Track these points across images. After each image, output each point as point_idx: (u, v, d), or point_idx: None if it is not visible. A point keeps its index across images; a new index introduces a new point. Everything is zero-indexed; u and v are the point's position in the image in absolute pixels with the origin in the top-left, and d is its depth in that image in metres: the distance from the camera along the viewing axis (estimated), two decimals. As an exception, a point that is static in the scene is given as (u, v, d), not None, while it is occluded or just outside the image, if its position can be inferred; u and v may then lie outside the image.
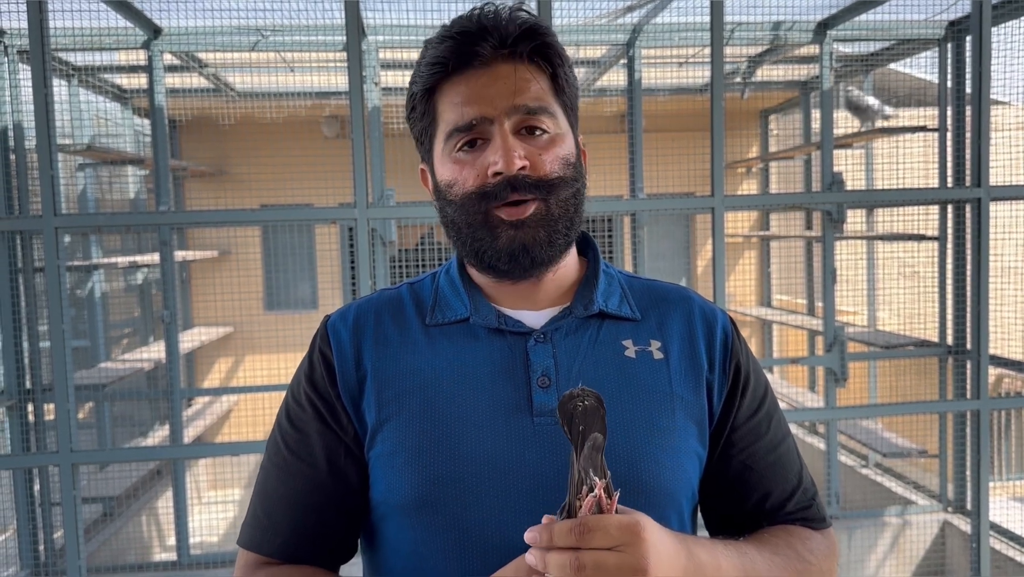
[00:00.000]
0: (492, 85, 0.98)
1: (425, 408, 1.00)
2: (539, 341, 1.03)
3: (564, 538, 0.77)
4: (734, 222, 7.65)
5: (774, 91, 6.81)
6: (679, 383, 1.04)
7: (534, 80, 1.00)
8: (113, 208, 6.32)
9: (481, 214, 1.00)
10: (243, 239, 6.79)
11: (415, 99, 1.04)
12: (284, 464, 1.05)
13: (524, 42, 0.99)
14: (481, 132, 0.99)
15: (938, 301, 5.18)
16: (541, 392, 1.00)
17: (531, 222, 0.99)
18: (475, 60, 0.98)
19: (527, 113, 0.98)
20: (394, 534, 1.02)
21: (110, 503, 5.20)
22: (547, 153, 1.00)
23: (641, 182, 4.88)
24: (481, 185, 0.99)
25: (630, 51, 5.05)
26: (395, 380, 1.02)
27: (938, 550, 5.22)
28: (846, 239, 6.00)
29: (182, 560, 4.66)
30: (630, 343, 1.05)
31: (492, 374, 1.02)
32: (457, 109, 0.99)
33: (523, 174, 0.98)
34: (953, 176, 4.74)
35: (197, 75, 5.62)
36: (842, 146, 5.80)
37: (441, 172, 1.03)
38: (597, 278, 1.09)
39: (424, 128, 1.04)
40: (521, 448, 0.97)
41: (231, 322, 7.05)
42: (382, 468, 1.01)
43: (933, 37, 4.90)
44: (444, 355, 1.04)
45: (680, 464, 1.01)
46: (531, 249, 1.00)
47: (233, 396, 6.77)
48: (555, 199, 1.00)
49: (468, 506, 0.96)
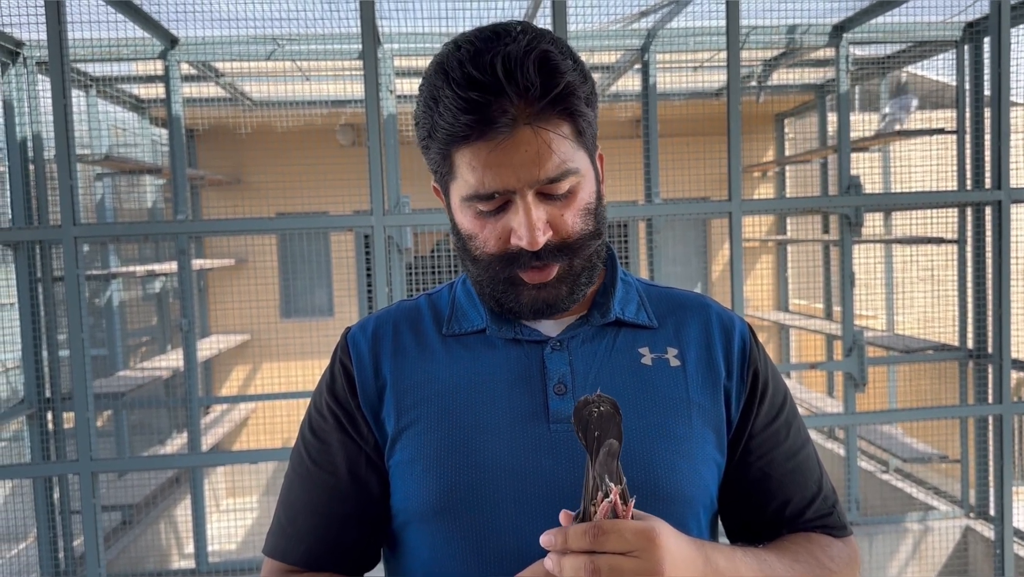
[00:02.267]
0: (515, 154, 0.92)
1: (443, 416, 1.01)
2: (555, 349, 1.04)
3: (579, 541, 0.78)
4: (750, 226, 7.61)
5: (790, 94, 6.78)
6: (696, 390, 1.04)
7: (556, 138, 0.94)
8: (130, 217, 6.37)
9: (504, 277, 1.00)
10: (259, 247, 6.82)
11: (428, 146, 0.99)
12: (307, 474, 1.07)
13: (546, 99, 0.92)
14: (504, 198, 0.95)
15: (957, 305, 5.13)
16: (557, 399, 1.00)
17: (554, 282, 1.00)
18: (497, 132, 0.91)
19: (550, 182, 0.95)
20: (414, 541, 1.03)
21: (129, 511, 5.23)
22: (569, 211, 0.97)
23: (657, 187, 4.86)
24: (503, 250, 0.98)
25: (645, 56, 5.04)
26: (414, 389, 1.03)
27: (960, 556, 5.16)
28: (864, 243, 5.95)
29: (200, 567, 4.68)
30: (647, 350, 1.05)
31: (509, 382, 1.02)
32: (476, 174, 0.94)
33: (547, 241, 0.96)
34: (972, 178, 4.71)
35: (214, 85, 5.66)
36: (859, 149, 5.76)
37: (460, 219, 1.01)
38: (615, 286, 1.09)
39: (440, 171, 1.00)
40: (537, 455, 0.98)
41: (248, 330, 7.08)
42: (401, 476, 1.02)
43: (950, 39, 4.86)
44: (462, 363, 1.04)
45: (697, 470, 1.00)
46: (555, 304, 1.01)
47: (250, 404, 6.80)
48: (579, 258, 1.00)
49: (485, 513, 0.97)
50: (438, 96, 0.94)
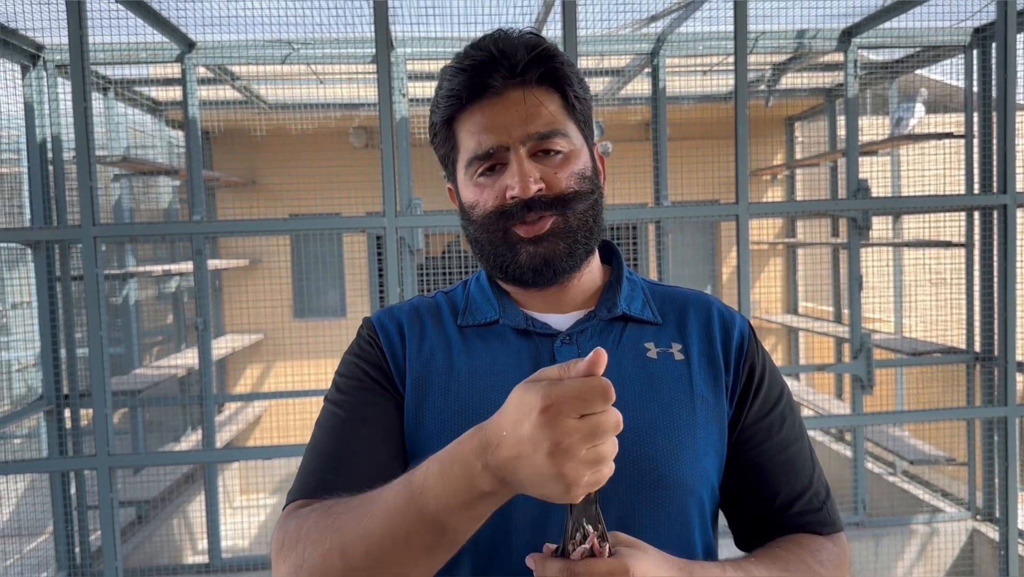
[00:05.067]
0: (505, 113, 1.04)
1: (459, 403, 1.06)
2: (565, 343, 1.09)
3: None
4: (760, 229, 7.64)
5: (799, 98, 6.81)
6: (699, 384, 1.09)
7: (545, 104, 1.05)
8: (147, 218, 6.45)
9: (501, 232, 1.07)
10: (273, 248, 6.90)
11: (436, 128, 1.10)
12: (338, 423, 1.07)
13: (533, 68, 1.04)
14: (499, 158, 1.05)
15: (965, 308, 5.16)
16: None
17: (549, 236, 1.06)
18: (488, 91, 1.04)
19: (540, 139, 1.05)
20: None
21: (143, 507, 5.30)
22: (562, 171, 1.06)
23: (666, 190, 4.91)
24: (499, 206, 1.06)
25: (654, 60, 5.09)
26: (433, 374, 1.09)
27: (966, 558, 5.18)
28: (872, 246, 5.98)
29: (214, 563, 4.75)
30: (652, 345, 1.11)
31: (521, 373, 1.04)
32: (474, 138, 1.05)
33: (539, 195, 1.04)
34: (980, 182, 4.73)
35: (229, 88, 5.74)
36: (867, 153, 5.79)
37: (465, 195, 1.10)
38: (620, 284, 1.15)
39: (446, 154, 1.11)
40: None
41: (261, 329, 7.15)
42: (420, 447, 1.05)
43: (959, 44, 4.89)
44: (476, 353, 1.10)
45: (699, 461, 1.05)
46: (552, 261, 1.07)
47: (263, 402, 6.87)
48: (572, 212, 1.07)
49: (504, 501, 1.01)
50: (442, 82, 1.07)
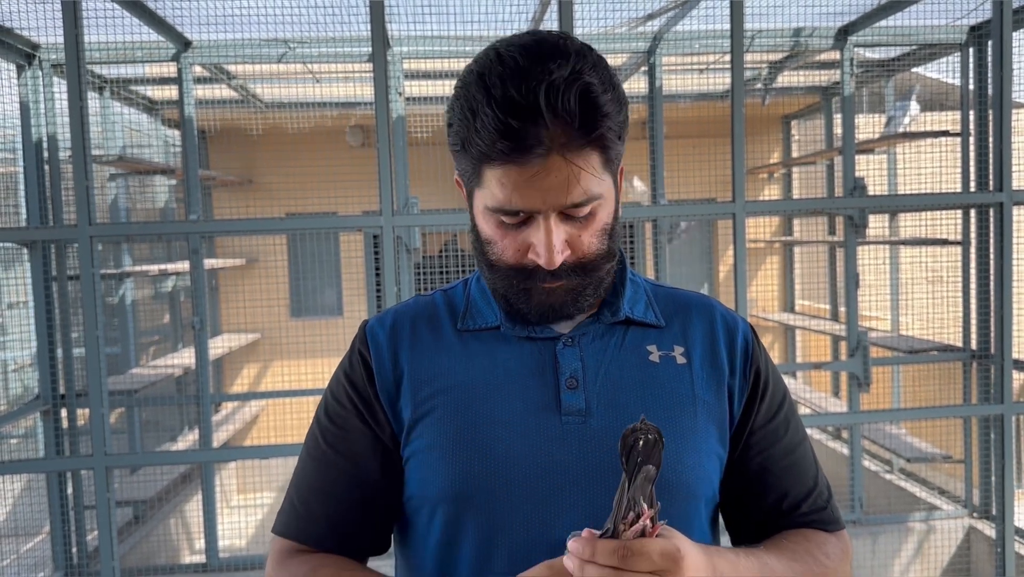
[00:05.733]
0: (544, 179, 0.94)
1: (459, 407, 1.05)
2: (567, 345, 1.08)
3: (607, 557, 0.80)
4: (757, 228, 7.65)
5: (795, 96, 6.82)
6: (701, 387, 1.09)
7: (585, 168, 0.96)
8: (143, 217, 6.45)
9: (515, 285, 1.04)
10: (270, 247, 6.89)
11: (461, 154, 1.00)
12: (322, 457, 1.10)
13: (582, 133, 0.93)
14: (527, 214, 0.99)
15: (961, 306, 5.17)
16: (569, 393, 1.05)
17: (563, 292, 1.04)
18: (531, 158, 0.93)
19: (574, 207, 0.97)
20: (426, 529, 1.07)
21: (140, 507, 5.30)
22: (587, 232, 1.00)
23: (662, 188, 4.91)
24: (519, 263, 1.01)
25: (651, 59, 5.09)
26: (430, 380, 1.08)
27: (963, 556, 5.19)
28: (869, 244, 5.99)
29: (211, 563, 4.74)
30: (654, 348, 1.10)
31: (523, 376, 1.06)
32: (505, 192, 0.96)
33: (563, 261, 1.00)
34: (976, 180, 4.74)
35: (225, 87, 5.73)
36: (864, 151, 5.80)
37: (482, 224, 1.04)
38: (624, 286, 1.13)
39: (468, 177, 1.03)
40: (549, 446, 1.02)
41: (258, 329, 7.15)
42: (418, 464, 1.06)
43: (955, 42, 4.90)
44: (477, 357, 1.09)
45: (700, 464, 1.05)
46: (561, 309, 1.05)
47: (260, 401, 6.87)
48: (591, 277, 1.04)
49: (498, 501, 1.01)
50: (476, 110, 0.94)
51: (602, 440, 1.02)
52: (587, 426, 1.03)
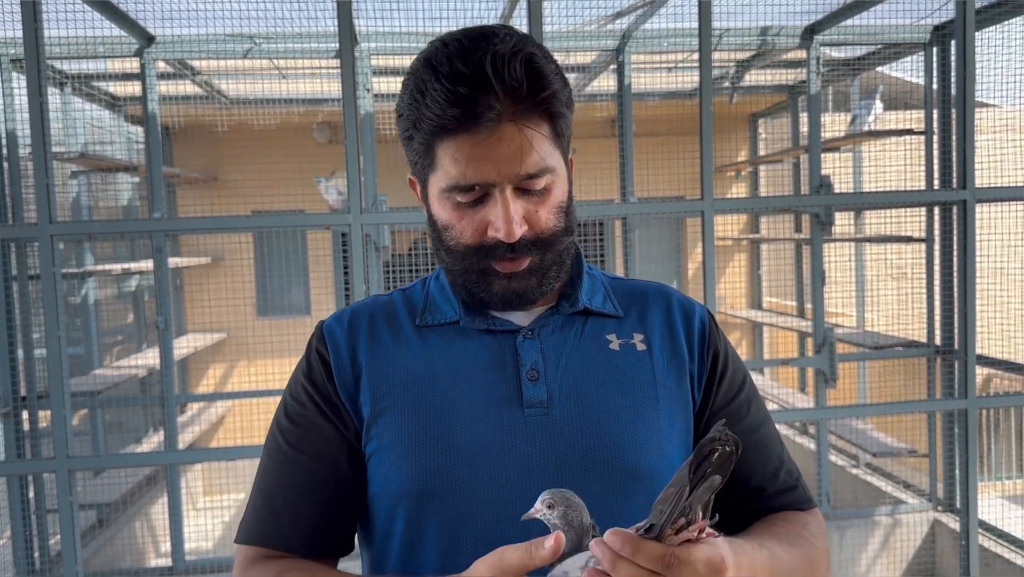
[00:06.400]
0: (497, 148, 0.96)
1: (420, 402, 1.05)
2: (527, 337, 1.08)
3: (650, 560, 0.76)
4: (724, 225, 7.70)
5: (762, 95, 6.87)
6: (662, 372, 1.09)
7: (537, 136, 0.98)
8: (106, 215, 6.34)
9: (477, 268, 1.04)
10: (236, 245, 6.80)
11: (412, 136, 1.02)
12: (285, 459, 1.09)
13: (530, 99, 0.96)
14: (483, 190, 1.00)
15: (926, 302, 5.24)
16: (530, 385, 1.05)
17: (525, 273, 1.04)
18: (482, 126, 0.95)
19: (528, 178, 0.99)
20: (390, 526, 1.06)
21: (104, 509, 5.21)
22: (543, 207, 1.02)
23: (632, 186, 4.92)
24: (479, 242, 1.02)
25: (620, 57, 5.10)
26: (390, 376, 1.07)
27: (928, 548, 5.27)
28: (834, 241, 6.05)
29: (177, 566, 4.68)
30: (614, 337, 1.11)
31: (483, 369, 1.06)
32: (459, 167, 0.98)
33: (522, 236, 1.01)
34: (940, 178, 4.80)
35: (190, 82, 5.65)
36: (829, 149, 5.85)
37: (438, 210, 1.06)
38: (581, 279, 1.14)
39: (421, 162, 1.04)
40: (512, 439, 1.02)
41: (224, 328, 7.06)
42: (379, 460, 1.05)
43: (919, 41, 4.96)
44: (437, 352, 1.08)
45: (663, 449, 1.05)
46: (524, 295, 1.06)
47: (226, 402, 6.78)
48: (550, 253, 1.05)
49: (461, 495, 1.01)
50: (425, 89, 0.97)
51: (564, 431, 1.02)
52: (549, 417, 1.03)
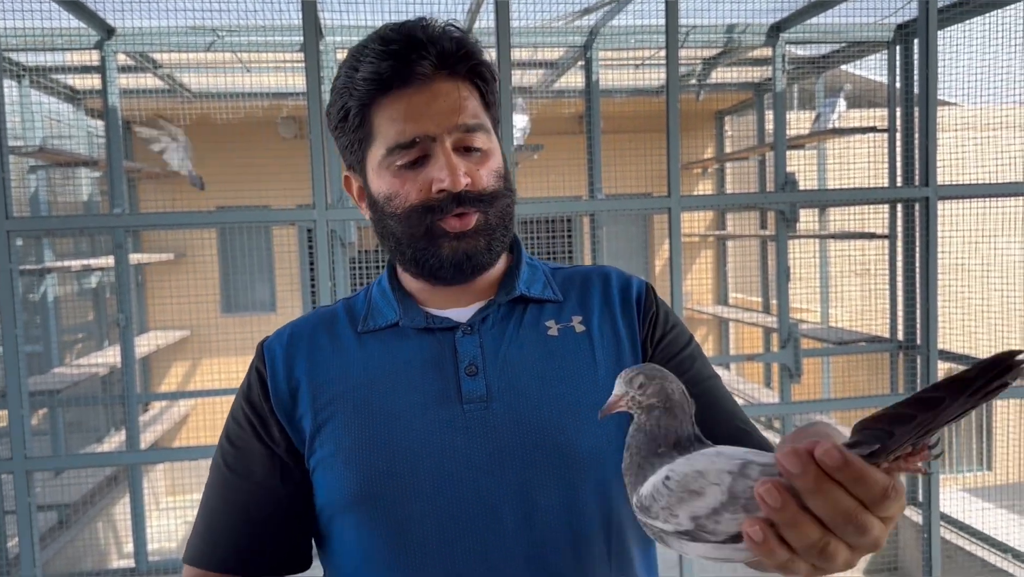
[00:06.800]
0: (433, 103, 1.01)
1: (359, 409, 1.04)
2: (466, 333, 1.08)
3: (871, 490, 0.63)
4: (691, 222, 7.75)
5: (729, 92, 6.91)
6: (601, 351, 1.08)
7: (471, 97, 1.04)
8: (66, 211, 6.21)
9: (424, 227, 1.04)
10: (199, 241, 6.71)
11: (348, 111, 1.04)
12: (223, 480, 1.09)
13: (462, 61, 1.02)
14: (423, 149, 1.02)
15: (888, 298, 5.30)
16: (469, 380, 1.04)
17: (472, 232, 1.04)
18: (416, 78, 1.00)
19: (466, 131, 1.03)
20: (341, 535, 1.06)
21: (65, 510, 5.11)
22: (483, 168, 1.05)
23: (599, 183, 4.92)
24: (425, 200, 1.03)
25: (587, 53, 5.09)
26: (328, 385, 1.07)
27: (891, 542, 5.33)
28: (799, 238, 6.11)
29: (140, 567, 4.60)
30: (553, 323, 1.10)
31: (422, 369, 1.06)
32: (397, 125, 1.01)
33: (466, 189, 1.02)
34: (902, 175, 4.86)
35: (152, 76, 5.55)
36: (795, 147, 5.91)
37: (378, 184, 1.06)
38: (519, 268, 1.14)
39: (357, 139, 1.06)
40: (451, 435, 1.01)
41: (188, 326, 6.96)
42: (323, 472, 1.04)
43: (882, 39, 5.01)
44: (375, 357, 1.08)
45: (608, 431, 1.03)
46: (473, 257, 1.05)
47: (190, 401, 6.69)
48: (494, 211, 1.06)
49: (405, 497, 1.00)
50: (359, 57, 1.02)
51: (504, 424, 1.02)
52: (489, 411, 1.02)
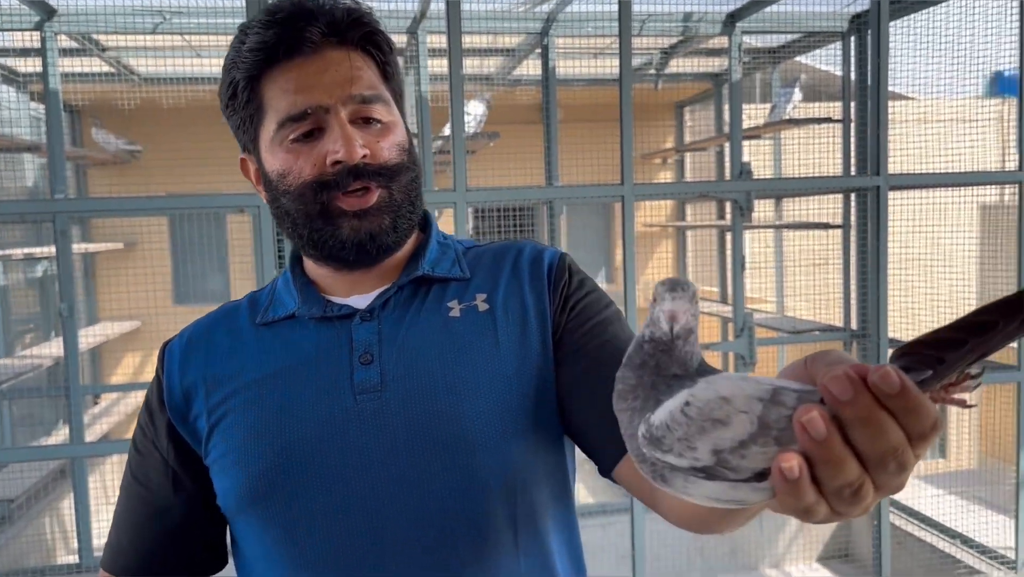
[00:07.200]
0: (325, 72, 0.96)
1: (250, 405, 0.99)
2: (364, 320, 1.02)
3: (919, 421, 0.54)
4: (651, 213, 7.75)
5: (688, 83, 6.91)
6: (504, 328, 1.02)
7: (366, 68, 0.99)
8: (10, 197, 6.04)
9: (320, 204, 0.98)
10: (150, 230, 6.57)
11: (236, 86, 0.99)
12: (127, 486, 1.07)
13: (354, 29, 0.98)
14: (316, 121, 0.97)
15: (842, 287, 5.34)
16: (363, 369, 0.98)
17: (375, 210, 0.98)
18: (304, 47, 0.95)
19: (362, 102, 0.98)
20: (242, 535, 1.02)
21: (7, 506, 4.99)
22: (384, 140, 0.99)
23: (557, 171, 4.89)
24: (320, 175, 0.97)
25: (544, 40, 5.05)
26: (222, 383, 1.02)
27: (844, 529, 5.39)
28: (755, 228, 6.13)
29: (84, 562, 4.49)
30: (455, 303, 1.04)
31: (316, 360, 1.00)
32: (288, 97, 0.96)
33: (364, 162, 0.96)
34: (856, 166, 4.88)
35: (96, 58, 5.40)
36: (751, 137, 5.92)
37: (271, 162, 1.00)
38: (427, 248, 1.08)
39: (247, 116, 1.01)
40: (343, 427, 0.95)
41: (139, 316, 6.82)
42: (216, 473, 1.00)
43: (837, 30, 5.02)
44: (271, 351, 1.02)
45: (512, 416, 0.97)
46: (377, 236, 0.99)
47: (142, 392, 6.55)
48: (397, 185, 1.00)
49: (297, 495, 0.95)
50: (244, 39, 0.97)
51: (399, 413, 0.95)
52: (382, 401, 0.96)
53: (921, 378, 0.56)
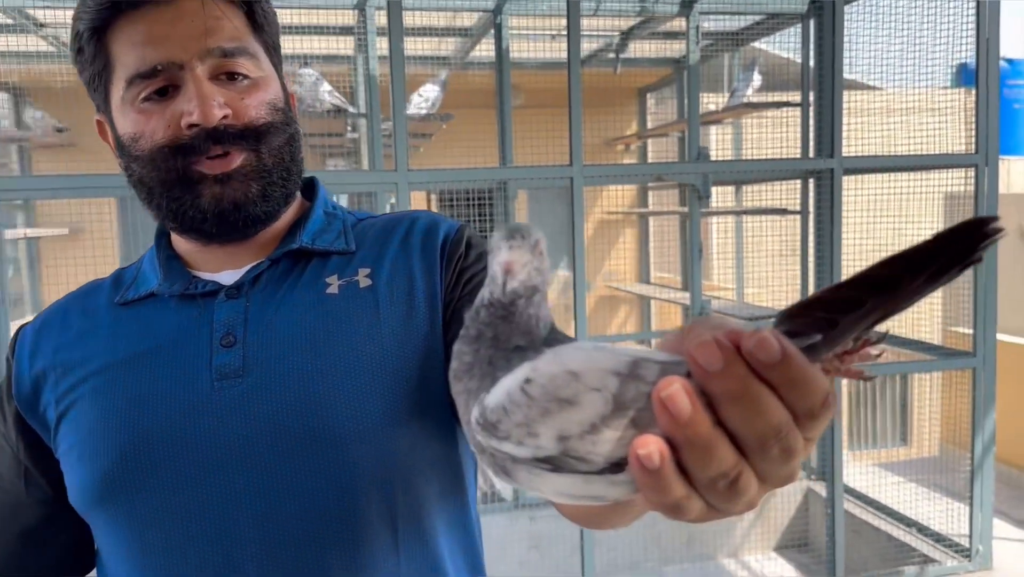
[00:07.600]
0: (178, 23, 0.85)
1: (100, 394, 0.88)
2: (231, 297, 0.91)
3: (810, 394, 0.45)
4: (613, 199, 7.69)
5: (650, 68, 6.82)
6: (388, 306, 0.91)
7: (227, 17, 0.87)
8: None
9: (176, 170, 0.87)
10: (97, 214, 6.38)
11: (81, 39, 0.88)
12: None
13: None
14: (170, 78, 0.86)
15: (800, 273, 5.30)
16: (224, 352, 0.87)
17: (240, 175, 0.88)
18: None
19: (223, 56, 0.87)
20: (95, 535, 0.92)
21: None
22: (250, 98, 0.88)
23: (511, 153, 4.80)
24: (174, 138, 0.86)
25: (497, 19, 4.94)
26: (71, 370, 0.91)
27: (802, 516, 5.36)
28: (712, 215, 6.08)
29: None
30: (335, 278, 0.93)
31: (174, 343, 0.89)
32: (137, 51, 0.85)
33: (225, 124, 0.86)
34: (814, 150, 4.83)
35: (35, 36, 5.22)
36: (711, 122, 5.85)
37: (122, 124, 0.89)
38: (309, 219, 0.97)
39: (96, 73, 0.89)
40: (198, 418, 0.85)
41: (88, 304, 6.66)
42: (65, 468, 0.90)
43: (796, 12, 4.95)
44: (126, 334, 0.92)
45: (392, 403, 0.87)
46: (243, 206, 0.88)
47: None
48: (266, 148, 0.89)
49: (145, 493, 0.84)
50: None
51: (262, 402, 0.85)
52: (244, 388, 0.85)
53: (808, 344, 0.48)
